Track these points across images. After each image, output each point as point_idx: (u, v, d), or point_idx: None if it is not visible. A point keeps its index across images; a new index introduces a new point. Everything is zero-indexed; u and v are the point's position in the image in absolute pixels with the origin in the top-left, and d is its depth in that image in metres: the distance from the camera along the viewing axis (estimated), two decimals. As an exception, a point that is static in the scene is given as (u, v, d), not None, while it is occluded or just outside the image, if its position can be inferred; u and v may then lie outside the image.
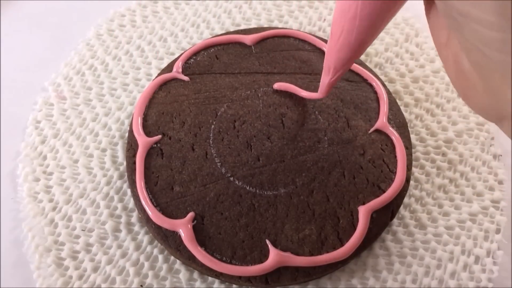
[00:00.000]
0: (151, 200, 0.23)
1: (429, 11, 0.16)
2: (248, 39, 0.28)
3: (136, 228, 0.25)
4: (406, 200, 0.25)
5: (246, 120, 0.25)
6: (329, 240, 0.23)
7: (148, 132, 0.25)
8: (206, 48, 0.28)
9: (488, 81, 0.14)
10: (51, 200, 0.25)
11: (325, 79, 0.21)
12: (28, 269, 0.24)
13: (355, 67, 0.27)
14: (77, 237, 0.24)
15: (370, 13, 0.16)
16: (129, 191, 0.25)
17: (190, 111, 0.26)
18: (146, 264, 0.24)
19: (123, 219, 0.25)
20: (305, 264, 0.22)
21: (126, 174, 0.25)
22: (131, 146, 0.25)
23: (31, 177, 0.26)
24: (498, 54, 0.13)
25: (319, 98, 0.24)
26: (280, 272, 0.22)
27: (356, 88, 0.27)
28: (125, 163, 0.26)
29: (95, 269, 0.24)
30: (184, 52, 0.28)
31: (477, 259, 0.24)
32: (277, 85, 0.26)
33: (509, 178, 0.26)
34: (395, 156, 0.25)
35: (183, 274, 0.24)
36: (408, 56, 0.30)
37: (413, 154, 0.26)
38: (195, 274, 0.24)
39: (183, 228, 0.23)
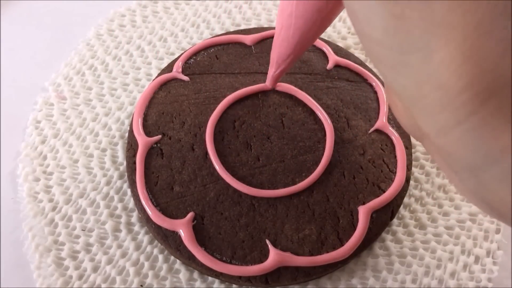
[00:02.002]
0: (151, 200, 0.23)
1: None
2: (248, 39, 0.28)
3: (136, 228, 0.25)
4: (406, 200, 0.25)
5: (246, 120, 0.25)
6: (329, 240, 0.23)
7: (148, 132, 0.25)
8: (206, 48, 0.28)
9: (401, 101, 0.14)
10: (51, 200, 0.25)
11: (270, 72, 0.23)
12: (28, 269, 0.24)
13: (355, 67, 0.27)
14: (77, 237, 0.24)
15: (305, 12, 0.17)
16: (129, 191, 0.25)
17: (190, 111, 0.26)
18: (146, 264, 0.24)
19: (123, 219, 0.25)
20: (305, 264, 0.22)
21: (126, 174, 0.25)
22: (131, 146, 0.25)
23: (31, 177, 0.26)
24: (391, 74, 0.13)
25: (268, 88, 0.25)
26: (280, 272, 0.22)
27: (356, 88, 0.27)
28: (125, 163, 0.26)
29: (95, 269, 0.24)
30: (184, 52, 0.28)
31: (477, 259, 0.24)
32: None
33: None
34: (395, 156, 0.25)
35: (183, 274, 0.24)
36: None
37: (413, 154, 0.26)
38: (195, 274, 0.24)
39: (183, 228, 0.23)
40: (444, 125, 0.12)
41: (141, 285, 0.23)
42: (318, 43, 0.28)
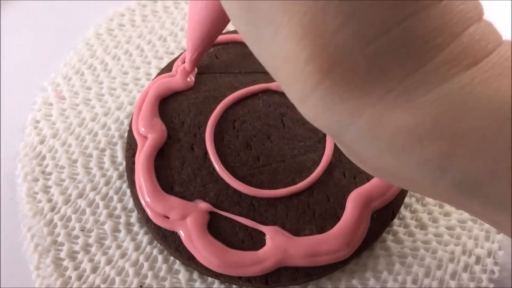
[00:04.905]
0: (150, 200, 0.23)
1: None
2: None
3: (136, 228, 0.25)
4: (407, 200, 0.25)
5: (246, 120, 0.25)
6: (329, 240, 0.23)
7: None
8: (206, 47, 0.28)
9: None
10: (50, 200, 0.25)
11: (187, 56, 0.24)
12: (27, 269, 0.24)
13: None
14: (76, 237, 0.24)
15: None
16: (128, 191, 0.25)
17: (189, 110, 0.26)
18: (146, 265, 0.24)
19: (122, 219, 0.25)
20: (305, 264, 0.22)
21: (125, 174, 0.25)
22: (131, 146, 0.25)
23: (30, 177, 0.26)
24: (253, 48, 0.14)
25: (188, 71, 0.26)
26: (280, 272, 0.22)
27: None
28: (124, 163, 0.26)
29: (94, 270, 0.24)
30: (184, 51, 0.28)
31: (478, 260, 0.24)
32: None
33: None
34: None
35: (182, 275, 0.23)
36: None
37: (413, 154, 0.26)
38: (195, 275, 0.24)
39: (182, 228, 0.22)
40: (300, 95, 0.13)
41: (141, 286, 0.23)
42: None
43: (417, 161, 0.13)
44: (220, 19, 0.21)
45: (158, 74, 0.27)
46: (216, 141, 0.25)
